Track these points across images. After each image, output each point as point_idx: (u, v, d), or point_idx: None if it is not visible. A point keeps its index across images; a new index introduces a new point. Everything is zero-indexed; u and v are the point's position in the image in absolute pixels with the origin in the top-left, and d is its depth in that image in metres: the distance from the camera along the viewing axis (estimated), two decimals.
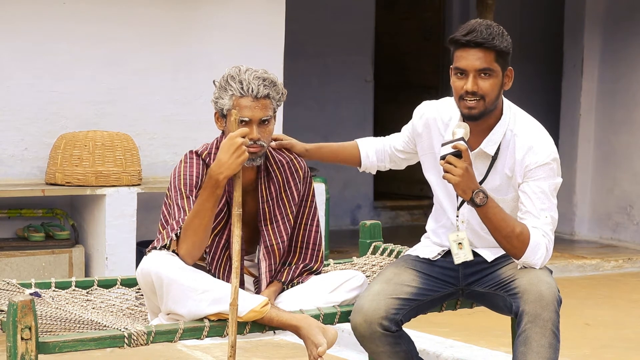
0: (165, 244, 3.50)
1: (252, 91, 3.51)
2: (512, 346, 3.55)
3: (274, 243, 3.70)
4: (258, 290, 3.72)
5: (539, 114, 9.41)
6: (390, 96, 10.34)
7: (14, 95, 6.13)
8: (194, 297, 3.38)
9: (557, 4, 9.77)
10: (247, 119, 3.51)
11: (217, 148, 3.63)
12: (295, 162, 3.78)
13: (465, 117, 3.55)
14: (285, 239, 3.73)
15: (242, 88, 3.51)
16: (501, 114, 3.59)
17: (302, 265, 3.76)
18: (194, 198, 3.53)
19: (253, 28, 6.73)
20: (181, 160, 3.63)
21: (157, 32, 6.50)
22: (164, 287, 3.40)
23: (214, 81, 3.62)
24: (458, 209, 3.65)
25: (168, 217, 3.56)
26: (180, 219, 3.50)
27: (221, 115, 3.58)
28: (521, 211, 3.55)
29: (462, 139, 3.44)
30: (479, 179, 3.59)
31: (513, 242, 3.48)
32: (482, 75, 3.48)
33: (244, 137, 3.43)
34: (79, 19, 6.28)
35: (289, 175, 3.74)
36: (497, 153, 3.59)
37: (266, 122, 3.56)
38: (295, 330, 3.47)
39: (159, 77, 6.51)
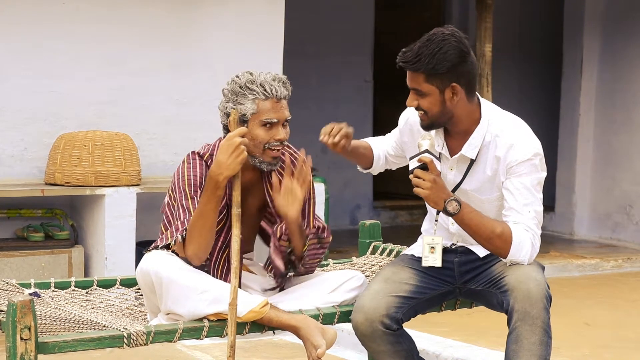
0: (168, 244, 3.50)
1: (275, 92, 3.54)
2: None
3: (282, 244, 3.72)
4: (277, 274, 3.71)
5: (538, 113, 9.45)
6: (389, 96, 10.33)
7: (13, 95, 6.14)
8: (193, 297, 3.39)
9: (557, 4, 9.77)
10: (275, 120, 3.54)
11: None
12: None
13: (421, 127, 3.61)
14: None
15: (265, 91, 3.53)
16: (480, 118, 3.60)
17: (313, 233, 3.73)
18: (198, 198, 3.53)
19: (253, 28, 6.73)
20: (184, 161, 3.63)
21: (157, 33, 6.51)
22: (163, 286, 3.40)
23: (223, 90, 3.60)
24: (437, 213, 3.67)
25: (171, 218, 3.56)
26: (185, 220, 3.50)
27: (240, 122, 3.54)
28: (505, 208, 3.56)
29: (426, 150, 3.47)
30: (457, 180, 3.61)
31: (495, 242, 3.50)
32: (417, 94, 3.53)
33: (242, 136, 3.43)
34: (78, 20, 6.28)
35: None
36: (477, 156, 3.60)
37: (287, 123, 3.60)
38: (295, 331, 3.48)
39: (158, 77, 6.51)
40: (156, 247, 3.53)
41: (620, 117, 8.92)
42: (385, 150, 4.00)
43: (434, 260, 3.63)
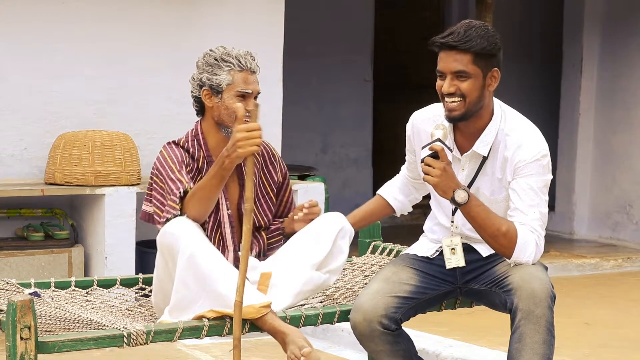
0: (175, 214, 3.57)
1: (249, 65, 3.72)
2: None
3: (260, 219, 3.86)
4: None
5: (538, 113, 9.44)
6: (389, 95, 10.35)
7: (13, 95, 6.13)
8: (204, 288, 3.42)
9: (557, 4, 9.77)
10: (249, 91, 3.68)
11: (194, 136, 3.76)
12: (270, 148, 3.94)
13: (448, 119, 3.57)
14: (269, 214, 3.89)
15: (240, 63, 3.71)
16: (492, 114, 3.60)
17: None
18: (185, 170, 3.63)
19: (252, 27, 6.73)
20: (161, 151, 3.74)
21: (157, 32, 6.50)
22: (185, 264, 3.43)
23: (197, 62, 3.78)
24: (453, 213, 3.67)
25: (164, 193, 3.65)
26: (178, 190, 3.58)
27: (214, 93, 3.70)
28: (510, 208, 3.56)
29: (439, 139, 3.46)
30: (469, 179, 3.61)
31: (500, 240, 3.49)
32: (460, 77, 3.51)
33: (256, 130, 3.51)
34: (77, 19, 6.28)
35: (267, 160, 3.90)
36: (488, 153, 3.60)
37: (256, 97, 3.73)
38: (283, 336, 3.46)
39: (158, 76, 6.51)
40: (167, 219, 3.58)
41: (620, 117, 8.92)
42: (406, 175, 3.98)
43: (457, 260, 3.64)
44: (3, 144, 6.12)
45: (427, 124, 3.70)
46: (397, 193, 4.00)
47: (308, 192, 6.44)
